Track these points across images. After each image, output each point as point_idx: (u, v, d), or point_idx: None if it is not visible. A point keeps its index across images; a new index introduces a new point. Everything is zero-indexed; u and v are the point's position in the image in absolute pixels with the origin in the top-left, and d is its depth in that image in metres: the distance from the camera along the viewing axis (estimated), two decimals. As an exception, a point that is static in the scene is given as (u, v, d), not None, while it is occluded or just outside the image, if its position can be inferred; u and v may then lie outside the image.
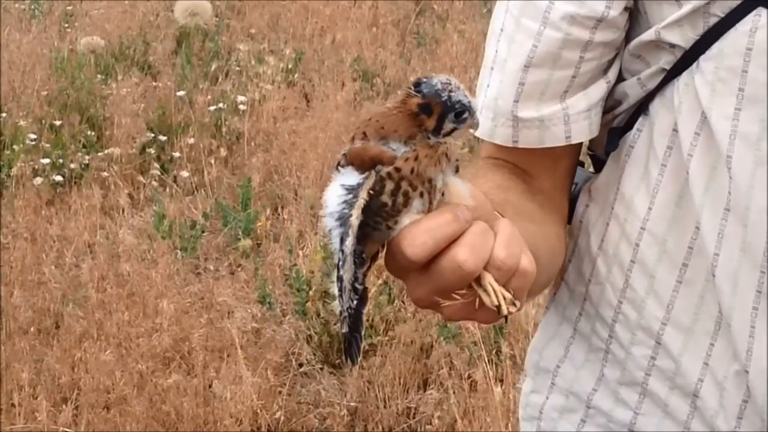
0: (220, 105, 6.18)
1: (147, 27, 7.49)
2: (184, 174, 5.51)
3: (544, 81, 1.29)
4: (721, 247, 1.24)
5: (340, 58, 7.12)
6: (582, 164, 1.44)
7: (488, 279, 0.99)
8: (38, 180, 5.29)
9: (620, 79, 1.33)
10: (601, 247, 1.34)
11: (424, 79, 1.00)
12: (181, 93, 6.28)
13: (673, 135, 1.27)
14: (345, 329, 1.02)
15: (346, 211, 0.99)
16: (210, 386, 3.82)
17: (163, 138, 5.82)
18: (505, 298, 1.00)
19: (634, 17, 1.29)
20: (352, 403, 3.85)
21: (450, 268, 0.98)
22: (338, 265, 1.00)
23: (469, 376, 3.86)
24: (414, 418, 3.82)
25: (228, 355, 3.98)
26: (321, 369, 4.03)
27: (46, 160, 5.46)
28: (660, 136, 1.27)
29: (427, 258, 0.99)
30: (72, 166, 5.47)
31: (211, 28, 7.40)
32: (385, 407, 3.83)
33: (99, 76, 6.56)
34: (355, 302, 1.01)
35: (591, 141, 1.37)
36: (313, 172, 5.44)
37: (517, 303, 1.00)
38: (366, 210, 0.99)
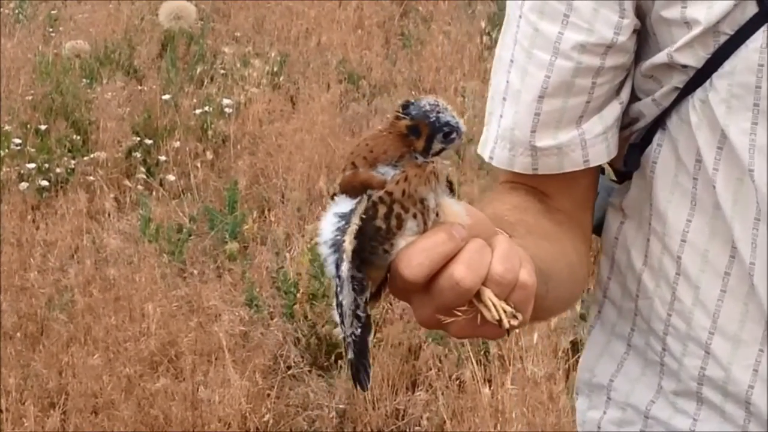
0: (206, 108, 6.17)
1: (132, 31, 7.47)
2: (171, 178, 5.50)
3: (559, 109, 1.31)
4: (755, 256, 1.26)
5: (326, 61, 7.11)
6: (602, 171, 1.45)
7: (488, 294, 1.01)
8: (24, 185, 5.28)
9: (634, 98, 1.34)
10: (646, 263, 1.35)
11: (413, 101, 1.02)
12: (166, 96, 6.26)
13: (698, 149, 1.28)
14: (350, 355, 1.03)
15: (339, 237, 1.01)
16: (197, 390, 3.81)
17: (148, 142, 5.81)
18: (505, 312, 1.01)
19: (643, 38, 1.31)
20: (340, 405, 3.85)
21: (448, 286, 0.99)
22: (336, 291, 1.02)
23: (458, 377, 3.86)
24: (403, 419, 3.83)
25: (216, 359, 3.97)
26: (309, 371, 4.03)
27: (32, 165, 5.45)
28: (686, 151, 1.29)
29: (425, 278, 1.00)
30: (58, 170, 5.46)
31: (195, 31, 7.38)
32: (373, 409, 3.83)
33: (84, 80, 6.54)
34: (359, 330, 1.02)
35: None
36: (300, 174, 5.44)
37: (519, 316, 1.02)
38: (361, 236, 1.00)
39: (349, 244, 1.00)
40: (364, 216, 1.00)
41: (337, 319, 1.03)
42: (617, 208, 1.39)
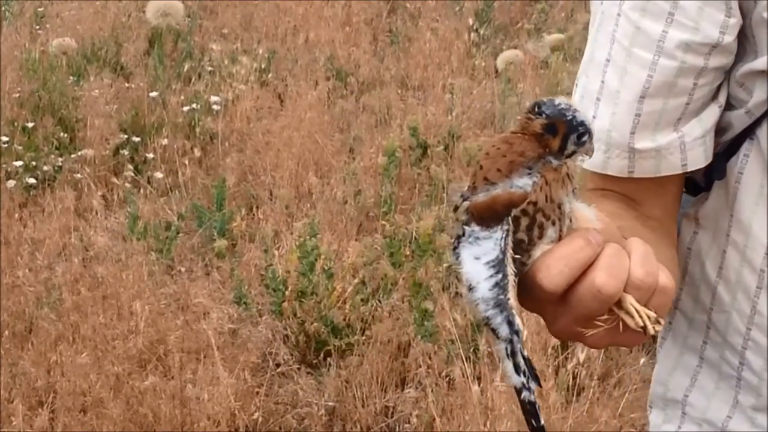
0: (194, 105, 6.16)
1: (119, 28, 7.46)
2: (158, 175, 5.49)
3: (659, 110, 1.27)
4: None
5: (314, 57, 7.11)
6: None
7: (629, 300, 0.98)
8: (11, 183, 5.26)
9: (726, 106, 1.31)
10: (721, 275, 1.32)
11: (544, 101, 0.99)
12: (154, 94, 6.25)
13: None
14: (542, 421, 1.02)
15: (501, 297, 0.97)
16: (186, 388, 3.81)
17: (136, 139, 5.79)
18: (649, 318, 0.98)
19: (739, 40, 1.27)
20: (329, 403, 3.85)
21: (589, 294, 0.97)
22: (516, 350, 0.98)
23: (447, 375, 3.86)
24: (392, 417, 3.82)
25: (205, 356, 3.96)
26: (298, 369, 4.03)
27: (19, 163, 5.43)
28: None
29: (565, 287, 0.98)
30: (45, 168, 5.44)
31: (183, 28, 7.37)
32: (363, 406, 3.82)
33: (71, 77, 6.52)
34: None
35: None
36: (288, 171, 5.43)
37: (662, 321, 0.99)
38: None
39: (514, 300, 0.97)
40: (517, 256, 0.97)
41: (521, 380, 0.99)
42: (691, 218, 1.36)
